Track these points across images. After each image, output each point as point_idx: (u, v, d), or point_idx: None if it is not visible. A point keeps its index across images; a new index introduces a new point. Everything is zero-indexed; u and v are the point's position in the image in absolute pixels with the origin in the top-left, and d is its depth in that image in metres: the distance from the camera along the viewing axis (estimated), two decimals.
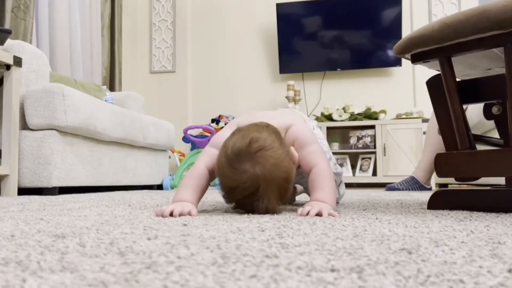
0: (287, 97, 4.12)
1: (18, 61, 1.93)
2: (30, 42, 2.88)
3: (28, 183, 1.97)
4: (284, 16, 4.24)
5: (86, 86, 2.80)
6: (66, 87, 2.04)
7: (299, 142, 1.02)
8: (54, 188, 1.99)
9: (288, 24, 4.24)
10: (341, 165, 3.96)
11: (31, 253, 0.45)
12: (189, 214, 0.89)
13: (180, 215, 0.87)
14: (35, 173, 1.97)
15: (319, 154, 1.01)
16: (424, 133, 3.33)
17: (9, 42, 2.01)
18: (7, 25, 2.71)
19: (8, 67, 1.90)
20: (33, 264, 0.40)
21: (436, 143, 2.39)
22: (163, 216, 0.86)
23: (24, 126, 2.03)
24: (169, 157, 3.49)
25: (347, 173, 3.90)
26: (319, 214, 0.87)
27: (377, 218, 0.85)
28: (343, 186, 1.30)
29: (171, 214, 0.87)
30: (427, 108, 3.75)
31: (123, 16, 4.24)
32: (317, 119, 4.05)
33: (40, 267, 0.39)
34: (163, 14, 4.59)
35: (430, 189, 2.56)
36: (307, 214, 0.87)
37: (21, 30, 2.83)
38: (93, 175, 2.27)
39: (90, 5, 3.69)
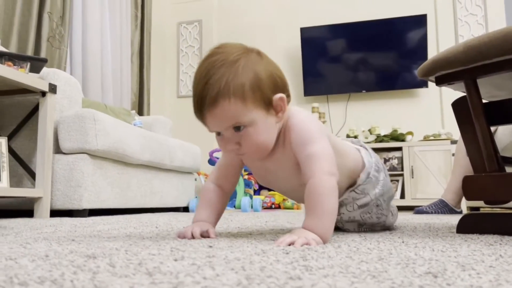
0: None
1: (53, 88, 2.01)
2: (64, 70, 3.01)
3: (60, 205, 2.03)
4: (308, 39, 4.29)
5: (116, 111, 2.89)
6: (97, 112, 2.12)
7: (298, 142, 0.83)
8: (84, 210, 2.04)
9: (312, 47, 4.29)
10: None
11: (64, 272, 0.47)
12: (207, 232, 0.88)
13: (201, 234, 0.87)
14: (67, 195, 2.03)
15: (319, 159, 0.80)
16: (453, 154, 3.27)
17: (44, 70, 2.11)
18: (43, 54, 2.84)
19: (43, 94, 1.99)
20: (67, 283, 0.42)
21: (466, 165, 2.33)
22: (185, 237, 0.86)
23: (57, 150, 2.10)
24: (195, 180, 3.53)
25: None
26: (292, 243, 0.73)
27: (403, 242, 0.84)
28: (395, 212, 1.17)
29: (193, 236, 0.86)
30: (455, 130, 3.67)
31: (151, 43, 4.39)
32: None
33: (74, 285, 0.41)
34: (190, 40, 4.72)
35: (460, 212, 2.49)
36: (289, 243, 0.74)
37: (56, 58, 2.96)
38: (121, 198, 2.32)
39: (121, 34, 3.84)
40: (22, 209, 2.07)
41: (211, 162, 3.76)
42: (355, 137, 3.96)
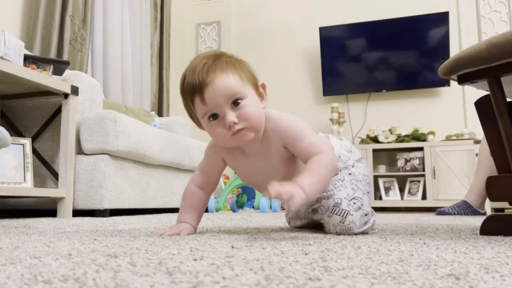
0: (331, 120, 4.10)
1: (75, 90, 2.05)
2: (86, 72, 3.07)
3: (82, 205, 2.07)
4: (327, 39, 4.27)
5: (136, 112, 2.93)
6: (118, 113, 2.15)
7: (293, 138, 0.91)
8: (105, 210, 2.07)
9: (331, 47, 4.26)
10: (389, 188, 3.86)
11: (87, 271, 0.48)
12: (180, 234, 0.97)
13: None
14: (88, 195, 2.07)
15: (320, 146, 0.90)
16: (477, 155, 3.20)
17: (67, 72, 2.15)
18: (65, 57, 2.90)
19: (66, 96, 2.03)
20: (89, 281, 0.43)
21: (489, 166, 2.28)
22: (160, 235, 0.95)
23: (79, 151, 2.14)
24: None
25: (395, 197, 3.79)
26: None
27: (424, 243, 0.83)
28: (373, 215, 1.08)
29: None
30: (479, 129, 3.60)
31: (171, 45, 4.43)
32: (363, 141, 3.99)
33: (96, 284, 0.41)
34: (209, 41, 4.75)
35: (484, 214, 2.43)
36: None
37: (78, 60, 3.02)
38: (141, 198, 2.35)
39: (140, 35, 3.89)
40: (46, 209, 2.12)
41: None
42: (375, 137, 3.92)
